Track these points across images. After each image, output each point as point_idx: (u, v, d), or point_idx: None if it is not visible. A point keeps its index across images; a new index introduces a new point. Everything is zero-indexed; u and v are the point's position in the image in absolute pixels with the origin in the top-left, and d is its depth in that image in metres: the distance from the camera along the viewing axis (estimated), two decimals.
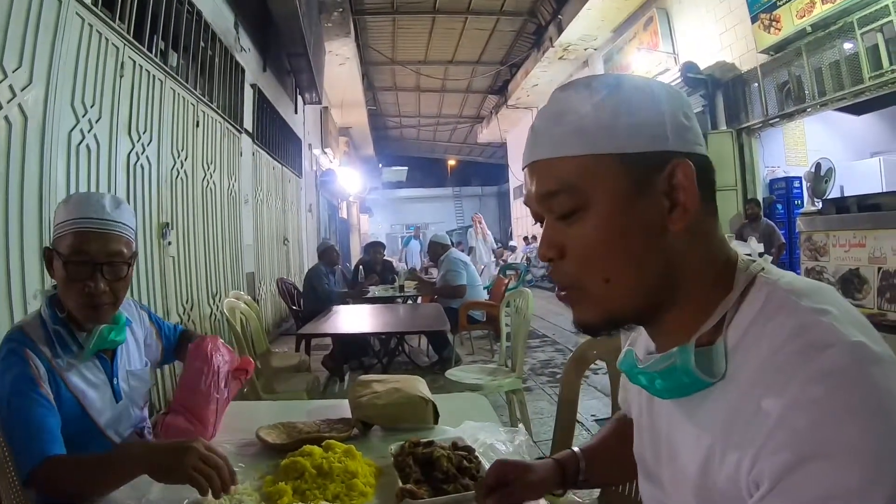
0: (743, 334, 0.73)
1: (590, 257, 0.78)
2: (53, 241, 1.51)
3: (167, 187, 4.81)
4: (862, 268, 4.79)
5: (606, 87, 0.78)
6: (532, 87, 15.90)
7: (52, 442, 1.34)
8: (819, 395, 0.61)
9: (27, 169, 2.91)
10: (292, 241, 10.77)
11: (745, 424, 0.67)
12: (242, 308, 4.01)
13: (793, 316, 0.69)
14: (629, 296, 0.79)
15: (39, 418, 1.35)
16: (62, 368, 1.48)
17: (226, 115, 6.61)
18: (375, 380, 1.94)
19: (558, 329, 8.76)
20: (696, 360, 0.75)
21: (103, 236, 1.49)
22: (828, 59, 6.94)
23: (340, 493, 1.29)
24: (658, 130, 0.76)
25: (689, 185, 0.75)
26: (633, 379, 0.88)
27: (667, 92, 0.80)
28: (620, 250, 0.77)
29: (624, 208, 0.76)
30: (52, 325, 1.50)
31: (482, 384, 3.76)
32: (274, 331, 8.71)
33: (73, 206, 1.50)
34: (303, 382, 3.90)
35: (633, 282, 0.78)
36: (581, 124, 0.77)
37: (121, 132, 3.98)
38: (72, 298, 1.50)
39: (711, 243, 0.80)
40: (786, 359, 0.66)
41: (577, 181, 0.77)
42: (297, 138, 11.58)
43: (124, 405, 1.63)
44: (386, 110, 22.04)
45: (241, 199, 7.20)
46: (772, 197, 8.93)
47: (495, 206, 33.56)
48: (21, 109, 2.87)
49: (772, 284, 0.75)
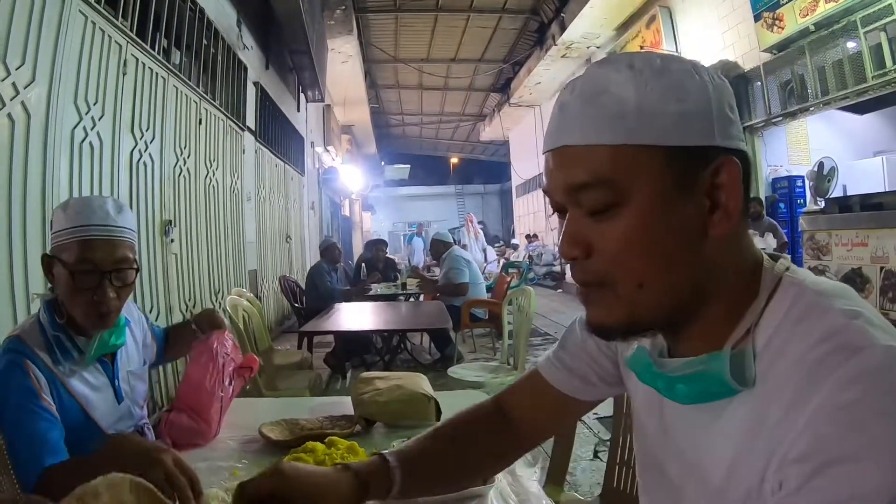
0: (770, 337, 0.70)
1: (624, 259, 0.71)
2: (53, 248, 1.48)
3: (170, 185, 4.82)
4: (864, 267, 4.79)
5: (652, 68, 0.70)
6: (535, 85, 15.86)
7: (51, 454, 1.32)
8: (850, 399, 0.59)
9: (30, 166, 2.92)
10: (295, 239, 10.78)
11: (773, 428, 0.65)
12: (245, 305, 4.02)
13: (824, 318, 0.66)
14: (661, 302, 0.72)
15: (41, 432, 1.33)
16: (63, 375, 1.45)
17: (228, 113, 6.61)
18: (378, 377, 1.95)
19: (560, 327, 8.74)
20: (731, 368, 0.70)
21: (109, 243, 1.47)
22: (831, 58, 6.91)
23: None
24: (706, 122, 0.69)
25: (734, 185, 0.70)
26: (647, 380, 0.83)
27: (714, 79, 0.72)
28: (658, 253, 0.70)
29: (665, 208, 0.69)
30: (51, 331, 1.47)
31: (484, 382, 3.77)
32: (276, 328, 8.73)
33: (75, 213, 1.47)
34: (305, 380, 3.91)
35: (668, 287, 0.72)
36: (622, 108, 0.68)
37: (124, 130, 3.99)
38: (78, 307, 1.47)
39: (742, 246, 0.75)
40: (817, 362, 0.63)
41: (614, 174, 0.69)
42: (300, 136, 11.58)
43: (126, 406, 1.63)
44: (388, 108, 22.01)
45: (243, 196, 7.21)
46: (774, 196, 8.90)
47: (498, 204, 33.56)
48: (24, 107, 2.87)
49: (798, 285, 0.71)
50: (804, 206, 7.91)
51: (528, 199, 20.41)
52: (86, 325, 1.50)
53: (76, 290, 1.45)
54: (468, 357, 6.74)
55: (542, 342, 7.80)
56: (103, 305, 1.46)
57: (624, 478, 1.90)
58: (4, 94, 2.73)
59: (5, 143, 2.76)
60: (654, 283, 0.71)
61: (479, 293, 6.84)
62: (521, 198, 21.86)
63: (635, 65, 0.71)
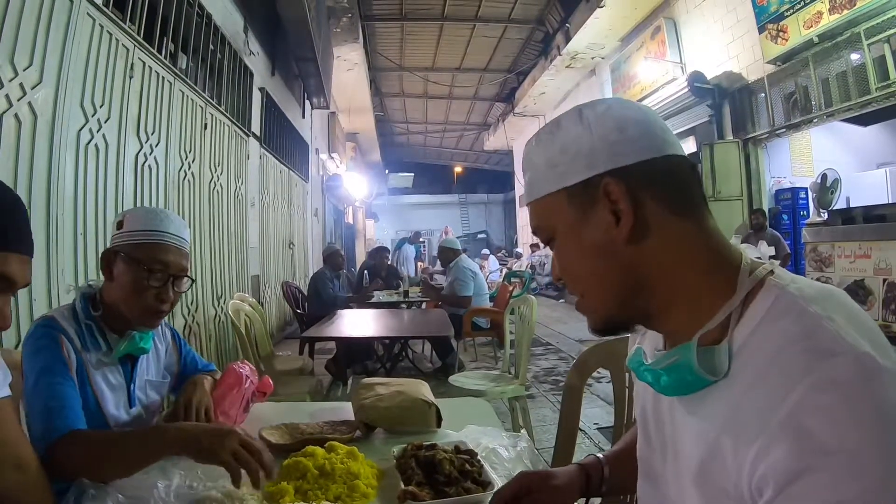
0: (750, 335, 0.75)
1: (567, 277, 0.91)
2: (123, 246, 1.58)
3: (174, 188, 4.84)
4: (867, 279, 4.78)
5: (546, 133, 0.90)
6: (539, 94, 15.90)
7: (76, 419, 1.37)
8: (825, 403, 0.62)
9: (36, 167, 2.93)
10: (298, 245, 10.78)
11: (747, 422, 0.69)
12: (247, 310, 4.02)
13: (799, 320, 0.70)
14: (605, 306, 0.88)
15: (68, 396, 1.40)
16: (89, 364, 1.52)
17: (234, 118, 6.64)
18: (379, 382, 1.95)
19: (562, 337, 8.75)
20: (700, 359, 0.77)
21: (179, 252, 1.63)
22: (835, 70, 6.92)
23: (342, 493, 1.29)
24: (590, 158, 0.84)
25: (619, 196, 0.81)
26: (640, 375, 0.91)
27: (596, 115, 0.86)
28: (582, 269, 0.88)
29: (576, 233, 0.86)
30: (84, 319, 1.55)
31: (485, 390, 3.76)
32: (278, 334, 8.73)
33: (154, 219, 1.61)
34: (306, 385, 3.91)
35: (602, 293, 0.87)
36: (536, 171, 0.91)
37: (129, 132, 4.00)
38: (137, 302, 1.57)
39: (689, 243, 0.82)
40: (790, 361, 0.67)
41: (541, 219, 0.91)
42: (305, 143, 11.61)
43: (137, 412, 1.66)
44: (393, 116, 22.08)
45: (247, 202, 7.22)
46: (777, 207, 8.90)
47: (501, 213, 33.55)
48: (31, 108, 2.89)
49: (781, 288, 0.76)
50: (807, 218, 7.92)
51: None
52: (139, 321, 1.60)
53: (142, 287, 1.56)
54: (469, 366, 6.71)
55: (544, 352, 7.77)
56: (164, 304, 1.60)
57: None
58: (12, 95, 2.74)
59: (12, 144, 2.77)
60: (590, 290, 0.88)
61: (482, 304, 6.82)
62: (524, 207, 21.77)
63: (539, 135, 0.91)
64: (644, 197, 0.81)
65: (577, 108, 0.89)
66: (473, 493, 1.26)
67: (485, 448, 1.52)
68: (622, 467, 1.17)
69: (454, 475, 1.31)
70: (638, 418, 1.03)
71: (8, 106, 2.73)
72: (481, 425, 1.70)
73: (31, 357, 1.42)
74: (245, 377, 1.87)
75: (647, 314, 0.86)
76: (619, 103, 0.88)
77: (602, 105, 0.88)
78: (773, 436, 0.64)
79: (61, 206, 3.14)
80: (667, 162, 0.83)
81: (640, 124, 0.84)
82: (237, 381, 1.84)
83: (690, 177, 0.85)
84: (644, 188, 0.82)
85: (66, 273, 3.18)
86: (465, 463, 1.36)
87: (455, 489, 1.27)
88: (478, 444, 1.54)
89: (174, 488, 1.26)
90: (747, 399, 0.70)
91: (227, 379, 1.84)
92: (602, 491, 1.18)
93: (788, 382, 0.65)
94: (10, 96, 2.73)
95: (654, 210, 0.82)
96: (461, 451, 1.43)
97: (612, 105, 0.88)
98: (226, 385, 1.82)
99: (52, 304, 3.01)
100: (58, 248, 3.10)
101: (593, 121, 0.85)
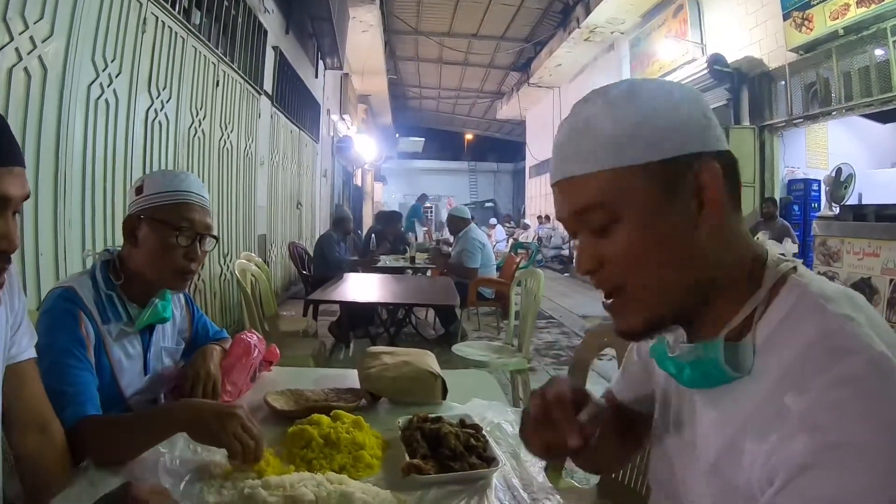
0: (772, 333, 0.75)
1: (628, 267, 0.80)
2: (146, 210, 1.55)
3: (184, 145, 4.82)
4: (874, 277, 4.76)
5: (624, 97, 0.79)
6: (555, 66, 15.71)
7: (91, 404, 1.37)
8: (838, 398, 0.63)
9: (45, 121, 2.91)
10: (306, 206, 10.78)
11: (767, 420, 0.69)
12: (253, 270, 4.03)
13: (820, 320, 0.71)
14: (669, 300, 0.80)
15: (84, 381, 1.39)
16: (108, 336, 1.52)
17: (246, 76, 6.58)
18: (385, 352, 1.95)
19: (565, 311, 8.77)
20: (725, 355, 0.77)
21: (204, 210, 1.62)
22: (858, 64, 6.81)
23: (347, 464, 1.29)
24: (679, 135, 0.77)
25: (715, 183, 0.76)
26: (662, 365, 0.90)
27: (684, 93, 0.80)
28: (656, 258, 0.78)
29: (655, 217, 0.77)
30: (105, 290, 1.54)
31: (488, 362, 3.77)
32: (283, 293, 8.77)
33: (175, 179, 1.60)
34: (309, 348, 3.93)
35: (672, 286, 0.79)
36: (603, 138, 0.78)
37: (140, 88, 3.97)
38: (166, 264, 1.56)
39: (739, 239, 0.81)
40: (810, 361, 0.67)
41: (607, 196, 0.78)
42: (316, 103, 11.52)
43: (151, 379, 1.66)
44: (406, 80, 21.87)
45: (256, 160, 7.19)
46: (789, 197, 8.86)
47: (510, 183, 33.43)
48: (41, 61, 2.85)
49: (803, 287, 0.76)
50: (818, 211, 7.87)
51: (541, 181, 20.29)
52: (166, 283, 1.61)
53: (170, 247, 1.54)
54: (472, 335, 6.75)
55: (547, 325, 7.80)
56: (193, 264, 1.60)
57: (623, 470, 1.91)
58: (22, 48, 2.71)
59: (21, 98, 2.74)
60: (659, 283, 0.79)
61: (489, 275, 6.83)
62: (533, 178, 21.74)
63: (610, 96, 0.80)
64: (727, 187, 0.78)
65: (658, 81, 0.84)
66: (478, 468, 1.27)
67: (490, 422, 1.53)
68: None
69: (459, 450, 1.31)
70: (657, 396, 1.02)
71: (18, 59, 2.69)
72: (486, 399, 1.71)
73: (48, 332, 1.39)
74: (253, 346, 1.87)
75: (697, 310, 0.82)
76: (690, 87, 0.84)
77: (681, 85, 0.83)
78: (789, 431, 0.65)
79: (70, 162, 3.12)
80: (731, 154, 0.81)
81: (713, 114, 0.81)
82: (245, 351, 1.84)
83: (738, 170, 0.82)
84: (727, 177, 0.78)
85: (73, 228, 3.18)
86: (470, 437, 1.37)
87: (459, 465, 1.27)
88: (482, 418, 1.55)
89: (178, 454, 1.27)
90: (769, 398, 0.71)
91: (236, 349, 1.84)
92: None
93: (807, 381, 0.66)
94: (20, 49, 2.69)
95: (728, 202, 0.79)
96: (466, 425, 1.43)
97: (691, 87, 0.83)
98: (234, 356, 1.82)
99: (58, 260, 3.02)
100: (66, 203, 3.09)
101: (680, 98, 0.79)
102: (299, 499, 1.08)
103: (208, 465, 1.26)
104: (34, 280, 2.86)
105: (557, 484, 1.95)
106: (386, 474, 1.30)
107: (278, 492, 1.09)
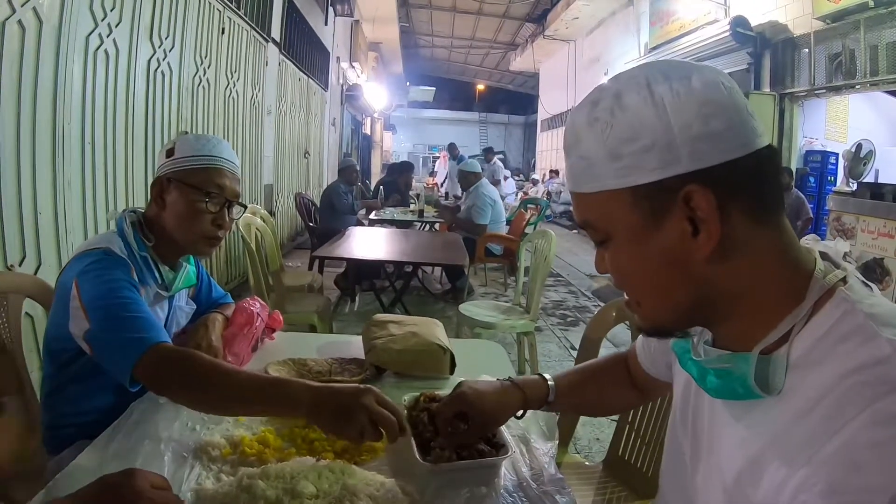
0: (809, 350, 0.68)
1: (622, 282, 0.80)
2: (176, 172, 1.54)
3: (188, 95, 4.70)
4: (887, 259, 4.73)
5: (605, 113, 0.72)
6: (572, 19, 15.38)
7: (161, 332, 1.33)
8: (881, 439, 0.56)
9: (41, 75, 2.79)
10: (313, 155, 10.67)
11: (797, 445, 0.63)
12: (258, 224, 3.95)
13: (868, 345, 0.63)
14: (663, 316, 0.78)
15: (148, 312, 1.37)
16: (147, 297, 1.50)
17: (253, 23, 6.41)
18: (392, 320, 1.89)
19: (573, 270, 8.68)
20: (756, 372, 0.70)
21: (234, 177, 1.62)
22: (886, 38, 6.66)
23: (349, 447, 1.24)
24: (667, 153, 0.68)
25: (706, 209, 0.68)
26: (684, 364, 0.84)
27: (672, 96, 0.69)
28: (644, 279, 0.76)
29: (641, 241, 0.73)
30: (139, 252, 1.51)
31: (495, 323, 3.72)
32: (288, 244, 8.76)
33: (207, 144, 1.57)
34: (314, 304, 3.88)
35: (662, 305, 0.77)
36: (589, 160, 0.75)
37: (142, 37, 3.82)
38: (194, 229, 1.55)
39: (771, 257, 0.72)
40: (851, 389, 0.61)
41: (593, 217, 0.77)
42: (326, 51, 11.32)
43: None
44: (419, 28, 21.52)
45: (263, 109, 7.07)
46: (805, 168, 8.75)
47: (521, 136, 33.12)
48: (35, 13, 2.72)
49: (850, 303, 0.67)
50: (834, 184, 7.81)
51: (553, 135, 20.06)
52: (194, 249, 1.61)
53: (199, 211, 1.54)
54: (479, 290, 6.71)
55: (554, 283, 7.71)
56: (221, 230, 1.59)
57: (630, 448, 1.88)
58: (15, 0, 2.57)
59: (15, 52, 2.62)
60: (649, 301, 0.78)
61: (499, 230, 6.75)
62: (545, 132, 21.50)
63: (597, 108, 0.74)
64: (731, 208, 0.68)
65: (645, 81, 0.71)
66: (487, 455, 1.20)
67: None
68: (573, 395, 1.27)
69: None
70: (678, 390, 0.97)
71: (11, 12, 2.55)
72: (494, 372, 1.64)
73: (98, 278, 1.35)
74: (256, 315, 1.82)
75: (706, 322, 0.79)
76: (699, 77, 0.70)
77: (678, 80, 0.70)
78: (822, 467, 0.59)
79: (68, 116, 3.02)
80: (754, 159, 0.69)
81: (726, 111, 0.68)
82: (248, 320, 1.80)
83: (776, 173, 0.72)
84: (731, 197, 0.68)
85: (73, 185, 3.11)
86: None
87: (468, 451, 1.20)
88: None
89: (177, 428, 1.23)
90: (800, 421, 0.64)
91: (238, 318, 1.79)
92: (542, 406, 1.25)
93: (847, 413, 0.59)
94: (12, 2, 2.55)
95: (740, 222, 0.69)
96: None
97: (692, 80, 0.70)
98: (236, 325, 1.77)
99: (57, 217, 2.95)
100: (64, 158, 3.00)
101: (669, 103, 0.69)
102: (299, 492, 1.02)
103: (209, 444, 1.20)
104: (34, 239, 2.80)
105: (562, 459, 1.91)
106: (389, 458, 1.25)
107: (278, 483, 1.03)
